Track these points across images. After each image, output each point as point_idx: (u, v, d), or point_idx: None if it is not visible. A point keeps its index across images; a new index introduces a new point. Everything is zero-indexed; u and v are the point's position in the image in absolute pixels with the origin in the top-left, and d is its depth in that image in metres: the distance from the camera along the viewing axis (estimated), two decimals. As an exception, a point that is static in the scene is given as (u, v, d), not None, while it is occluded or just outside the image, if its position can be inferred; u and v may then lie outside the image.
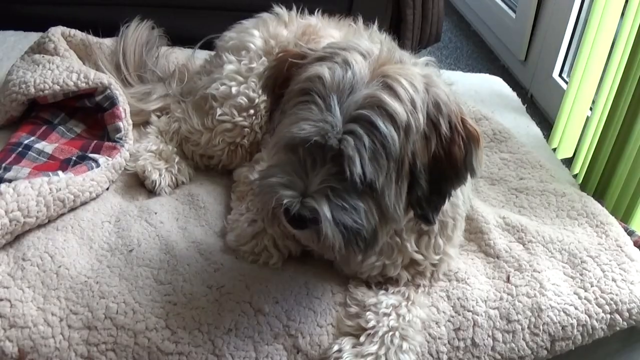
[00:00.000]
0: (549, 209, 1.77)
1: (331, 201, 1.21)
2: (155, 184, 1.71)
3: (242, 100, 1.73)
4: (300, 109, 1.24)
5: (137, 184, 1.75)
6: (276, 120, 1.35)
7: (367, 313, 1.39)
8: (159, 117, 1.93)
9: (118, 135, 1.78)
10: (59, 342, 1.31)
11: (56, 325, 1.32)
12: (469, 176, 1.31)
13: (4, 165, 1.63)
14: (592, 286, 1.52)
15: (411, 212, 1.32)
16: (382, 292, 1.45)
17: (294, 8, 1.88)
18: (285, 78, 1.34)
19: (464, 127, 1.27)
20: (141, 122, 1.92)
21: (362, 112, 1.19)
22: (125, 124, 1.80)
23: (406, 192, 1.26)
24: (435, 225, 1.40)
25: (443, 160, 1.26)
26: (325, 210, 1.20)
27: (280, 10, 1.86)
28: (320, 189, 1.21)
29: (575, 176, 2.51)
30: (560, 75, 3.30)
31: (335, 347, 1.35)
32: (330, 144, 1.19)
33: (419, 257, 1.44)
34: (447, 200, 1.33)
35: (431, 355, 1.40)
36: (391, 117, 1.19)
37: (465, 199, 1.49)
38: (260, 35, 1.80)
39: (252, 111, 1.74)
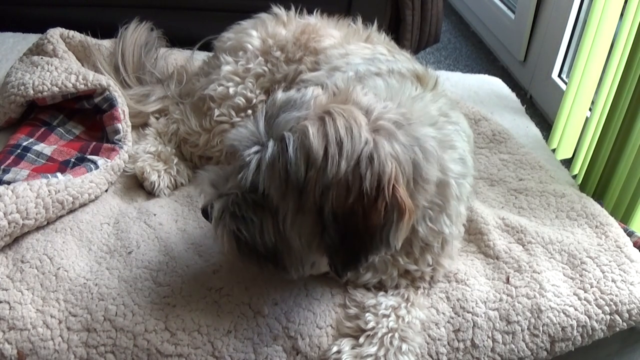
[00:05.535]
0: (548, 209, 1.77)
1: (227, 205, 1.26)
2: (154, 185, 1.71)
3: (240, 100, 1.73)
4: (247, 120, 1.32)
5: (136, 185, 1.75)
6: None
7: (367, 314, 1.39)
8: (157, 118, 1.92)
9: (117, 137, 1.78)
10: (58, 345, 1.31)
11: (55, 328, 1.32)
12: (383, 248, 1.23)
13: (2, 167, 1.62)
14: (591, 287, 1.51)
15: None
16: (382, 293, 1.45)
17: (292, 8, 1.88)
18: None
19: (392, 195, 1.17)
20: (140, 124, 1.92)
21: (283, 132, 1.20)
22: (124, 125, 1.80)
23: (317, 233, 1.22)
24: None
25: (360, 219, 1.18)
26: (215, 212, 1.27)
27: (279, 10, 1.86)
28: (226, 194, 1.27)
29: (574, 177, 2.50)
30: (559, 75, 3.30)
31: (335, 349, 1.35)
32: (242, 151, 1.23)
33: (413, 267, 1.44)
34: (364, 262, 1.26)
35: (431, 356, 1.39)
36: (306, 150, 1.17)
37: (454, 220, 1.43)
38: (258, 36, 1.80)
39: (249, 111, 1.73)
